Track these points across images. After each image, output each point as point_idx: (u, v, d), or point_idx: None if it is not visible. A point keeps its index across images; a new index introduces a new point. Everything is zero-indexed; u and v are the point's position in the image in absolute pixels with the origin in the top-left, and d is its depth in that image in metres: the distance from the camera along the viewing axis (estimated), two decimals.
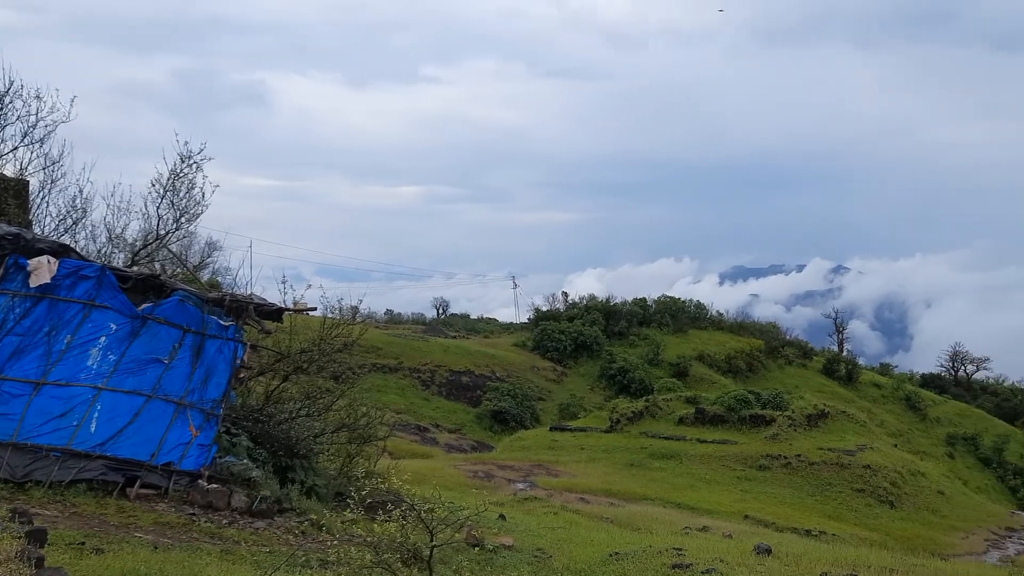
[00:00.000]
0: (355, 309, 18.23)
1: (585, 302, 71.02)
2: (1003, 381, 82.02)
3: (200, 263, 25.30)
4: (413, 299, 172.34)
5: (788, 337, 77.19)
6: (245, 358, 13.62)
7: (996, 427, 66.06)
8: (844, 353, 79.34)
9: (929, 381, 79.42)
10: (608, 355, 61.94)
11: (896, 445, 46.29)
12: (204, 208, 18.91)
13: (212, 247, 28.15)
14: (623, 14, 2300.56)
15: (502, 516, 16.15)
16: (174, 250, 19.86)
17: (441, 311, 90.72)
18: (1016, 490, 57.04)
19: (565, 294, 75.47)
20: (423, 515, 7.08)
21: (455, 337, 67.90)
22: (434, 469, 29.35)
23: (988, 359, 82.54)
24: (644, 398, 45.85)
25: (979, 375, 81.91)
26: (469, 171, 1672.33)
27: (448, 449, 42.53)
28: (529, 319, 73.39)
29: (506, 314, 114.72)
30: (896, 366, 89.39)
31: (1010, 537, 32.43)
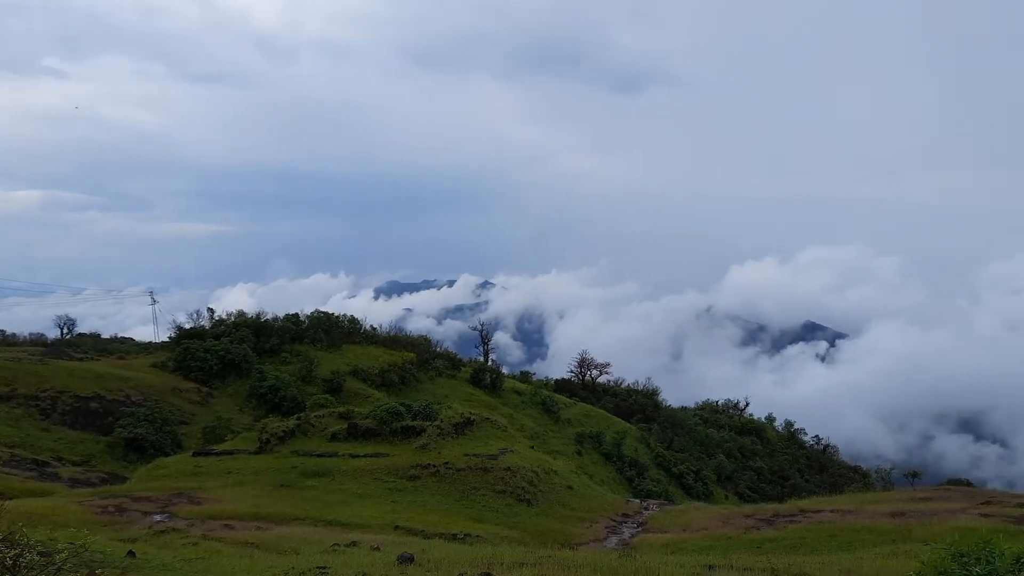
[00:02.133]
0: None
1: (233, 319, 67.93)
2: (621, 383, 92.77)
3: None
4: (31, 318, 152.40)
5: (439, 349, 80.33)
6: None
7: (616, 425, 74.41)
8: (489, 363, 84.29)
9: (562, 386, 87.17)
10: (259, 373, 59.70)
11: (533, 447, 50.10)
12: None
13: None
14: (275, 22, 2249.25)
15: (131, 553, 14.71)
16: None
17: (66, 331, 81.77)
18: (632, 480, 64.58)
19: (211, 310, 71.65)
20: (6, 561, 6.10)
21: (82, 359, 61.16)
22: (53, 508, 26.06)
23: (609, 364, 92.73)
24: (296, 416, 44.85)
25: (602, 379, 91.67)
26: (101, 176, 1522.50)
27: (73, 484, 38.15)
28: (170, 338, 68.49)
29: (144, 333, 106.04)
30: (534, 373, 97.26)
31: (625, 522, 36.44)
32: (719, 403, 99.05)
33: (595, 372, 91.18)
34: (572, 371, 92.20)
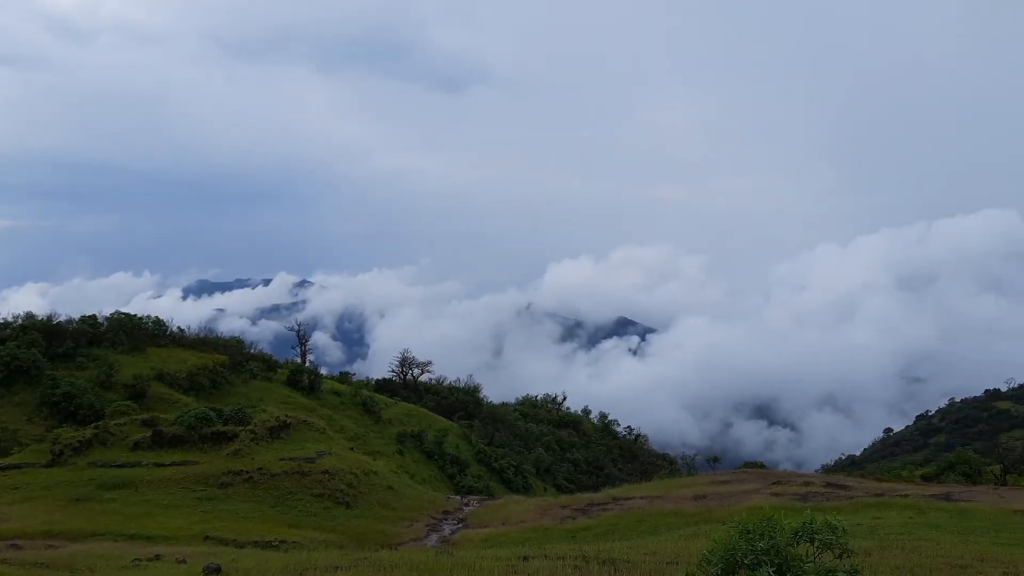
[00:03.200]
0: None
1: (21, 321, 62.20)
2: (443, 381, 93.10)
3: None
4: None
5: (253, 351, 77.24)
6: None
7: (438, 423, 74.59)
8: (307, 364, 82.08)
9: (383, 386, 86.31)
10: (50, 380, 55.01)
11: (353, 448, 49.26)
12: None
13: None
14: (70, 2, 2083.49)
15: None
16: None
17: None
18: (453, 476, 64.98)
19: None
20: None
21: None
22: None
23: (431, 362, 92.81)
24: (94, 425, 41.75)
25: (424, 378, 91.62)
26: None
27: None
28: None
29: None
30: (354, 374, 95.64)
31: (446, 519, 36.61)
32: (538, 398, 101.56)
33: (417, 371, 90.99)
34: (393, 370, 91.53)
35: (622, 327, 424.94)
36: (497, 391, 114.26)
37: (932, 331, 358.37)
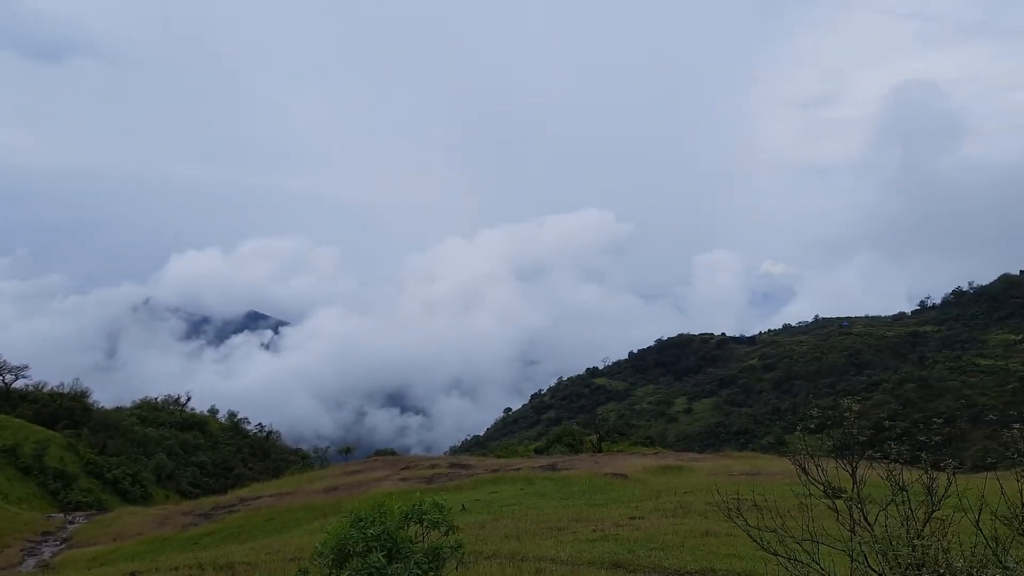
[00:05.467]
0: None
1: None
2: (43, 387, 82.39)
3: None
4: None
5: None
6: None
7: (37, 434, 65.81)
8: None
9: None
10: None
11: None
12: None
13: None
14: None
15: None
16: None
17: None
18: (57, 493, 57.89)
19: None
20: None
21: None
22: None
23: (27, 366, 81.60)
24: None
25: (19, 383, 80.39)
26: None
27: None
28: None
29: None
30: None
31: (46, 541, 32.53)
32: (159, 399, 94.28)
33: (9, 376, 79.52)
34: None
35: (253, 321, 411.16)
36: (112, 394, 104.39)
37: (544, 317, 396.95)
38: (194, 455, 78.40)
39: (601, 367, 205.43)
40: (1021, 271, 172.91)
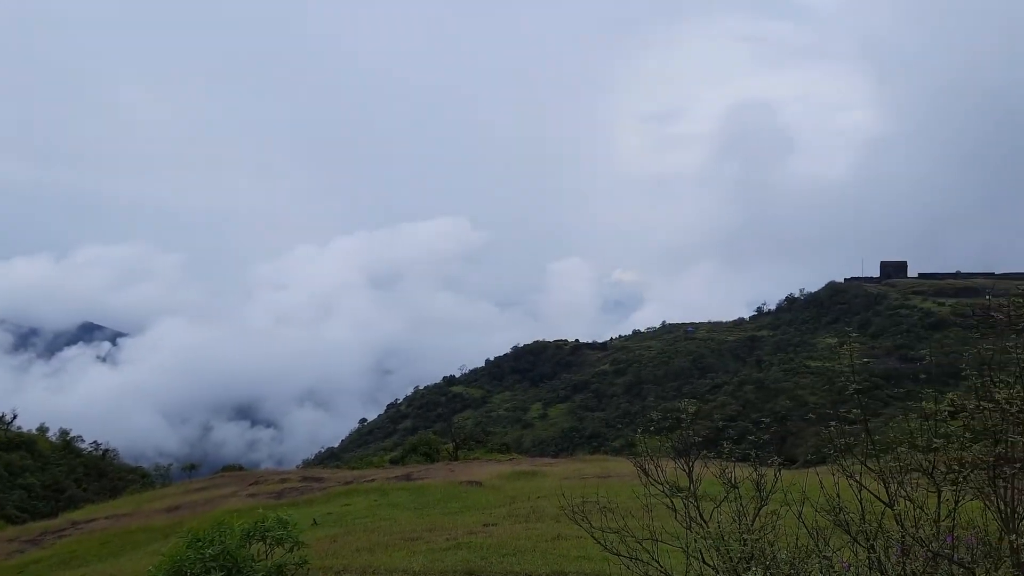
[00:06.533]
0: None
1: None
2: None
3: None
4: None
5: None
6: None
7: None
8: None
9: None
10: None
11: None
12: None
13: None
14: None
15: None
16: None
17: None
18: None
19: None
20: None
21: None
22: None
23: None
24: None
25: None
26: None
27: None
28: None
29: None
30: None
31: None
32: None
33: None
34: None
35: (88, 332, 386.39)
36: None
37: (400, 326, 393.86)
38: (20, 477, 72.80)
39: (458, 375, 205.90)
40: (845, 279, 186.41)
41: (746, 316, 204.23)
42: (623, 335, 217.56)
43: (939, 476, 5.52)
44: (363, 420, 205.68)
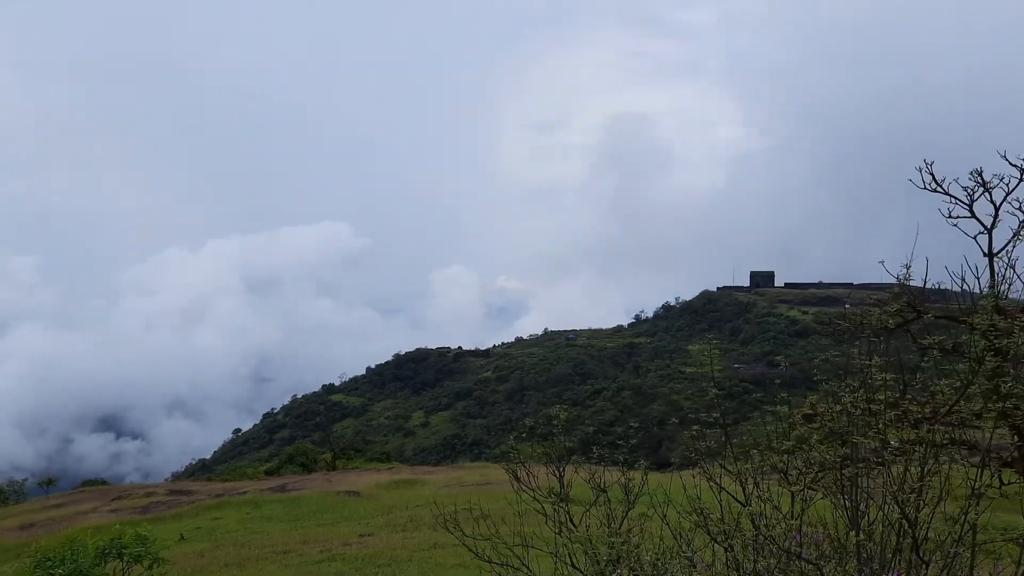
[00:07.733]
0: None
1: None
2: None
3: None
4: None
5: None
6: None
7: None
8: None
9: None
10: None
11: None
12: None
13: None
14: None
15: None
16: None
17: None
18: None
19: None
20: None
21: None
22: None
23: None
24: None
25: None
26: None
27: None
28: None
29: None
30: None
31: None
32: None
33: None
34: None
35: None
36: None
37: (278, 333, 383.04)
38: None
39: (338, 383, 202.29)
40: (717, 287, 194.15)
41: (625, 323, 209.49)
42: (506, 342, 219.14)
43: (792, 476, 5.82)
44: (237, 430, 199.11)
